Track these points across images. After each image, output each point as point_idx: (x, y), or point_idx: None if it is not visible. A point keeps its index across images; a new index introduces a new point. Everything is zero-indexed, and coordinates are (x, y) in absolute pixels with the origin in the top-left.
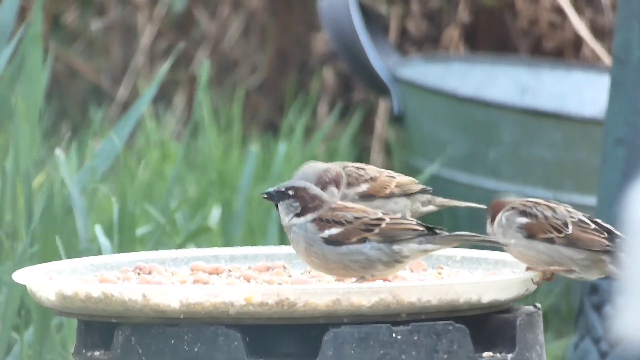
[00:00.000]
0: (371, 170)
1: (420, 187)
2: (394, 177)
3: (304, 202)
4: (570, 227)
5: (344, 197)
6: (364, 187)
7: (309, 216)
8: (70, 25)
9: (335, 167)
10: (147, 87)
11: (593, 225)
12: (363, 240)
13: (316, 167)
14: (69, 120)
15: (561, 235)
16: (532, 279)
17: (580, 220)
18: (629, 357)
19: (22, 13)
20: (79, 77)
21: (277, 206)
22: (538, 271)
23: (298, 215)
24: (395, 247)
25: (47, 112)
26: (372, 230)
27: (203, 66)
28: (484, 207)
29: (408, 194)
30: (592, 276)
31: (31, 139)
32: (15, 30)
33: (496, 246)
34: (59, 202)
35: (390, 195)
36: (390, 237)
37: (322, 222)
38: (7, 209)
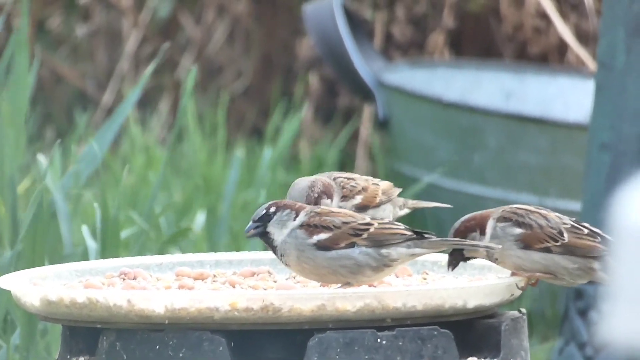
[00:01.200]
0: (359, 180)
1: (397, 190)
2: (379, 185)
3: (293, 207)
4: (565, 235)
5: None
6: (358, 199)
7: (297, 221)
8: (55, 30)
9: (321, 178)
10: (131, 92)
11: (586, 231)
12: (352, 245)
13: (301, 184)
14: (53, 125)
15: (558, 243)
16: (517, 284)
17: (573, 227)
18: None
19: (8, 18)
20: (64, 82)
21: (262, 236)
22: (523, 277)
23: (294, 219)
24: (384, 251)
25: (32, 117)
26: (360, 235)
27: (190, 72)
28: (449, 206)
29: (390, 199)
30: (580, 282)
31: (16, 144)
32: None
33: (484, 250)
34: (44, 208)
35: (380, 204)
36: (379, 241)
37: (311, 228)
38: None
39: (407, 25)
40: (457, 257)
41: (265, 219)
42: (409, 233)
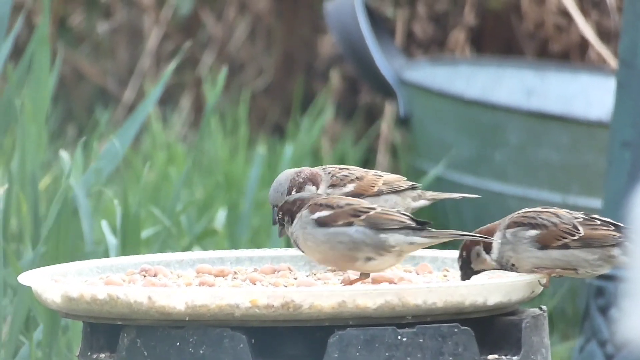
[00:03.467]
0: (357, 170)
1: (409, 183)
2: (381, 176)
3: (289, 212)
4: (580, 228)
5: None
6: (350, 187)
7: (302, 212)
8: (76, 27)
9: (310, 168)
10: (153, 89)
11: (598, 221)
12: (349, 224)
13: (289, 172)
14: (75, 122)
15: (575, 238)
16: (539, 281)
17: (585, 219)
18: None
19: (29, 15)
20: (85, 80)
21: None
22: (544, 274)
23: (291, 223)
24: (382, 235)
25: (53, 115)
26: (359, 216)
27: (212, 70)
28: (477, 196)
29: (397, 191)
30: (602, 271)
31: (38, 141)
32: (11, 24)
33: (496, 264)
34: (65, 205)
35: (379, 193)
36: (375, 224)
37: (316, 206)
38: (13, 212)
39: (428, 22)
40: (467, 272)
41: (282, 221)
42: (409, 222)
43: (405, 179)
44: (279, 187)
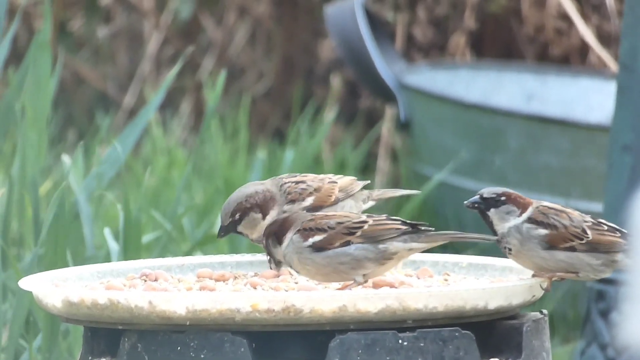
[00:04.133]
0: (312, 180)
1: (360, 184)
2: (336, 182)
3: (274, 234)
4: (589, 232)
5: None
6: (309, 201)
7: (289, 234)
8: (76, 32)
9: (266, 188)
10: (153, 94)
11: (606, 227)
12: (347, 243)
13: (241, 192)
14: (75, 127)
15: (582, 241)
16: (540, 285)
17: (594, 224)
18: None
19: (29, 20)
20: (85, 84)
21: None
22: (545, 277)
23: (280, 244)
24: (381, 246)
25: (53, 119)
26: (354, 233)
27: (213, 75)
28: (418, 192)
29: (351, 195)
30: (603, 276)
31: (38, 146)
32: (6, 29)
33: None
34: (66, 209)
35: (336, 201)
36: (373, 237)
37: (306, 232)
38: (13, 217)
39: (428, 26)
40: (483, 213)
41: (269, 246)
42: (404, 227)
43: (356, 179)
44: (227, 207)
